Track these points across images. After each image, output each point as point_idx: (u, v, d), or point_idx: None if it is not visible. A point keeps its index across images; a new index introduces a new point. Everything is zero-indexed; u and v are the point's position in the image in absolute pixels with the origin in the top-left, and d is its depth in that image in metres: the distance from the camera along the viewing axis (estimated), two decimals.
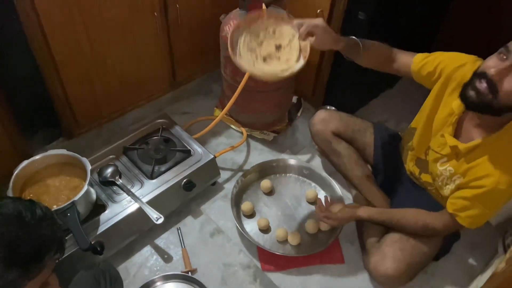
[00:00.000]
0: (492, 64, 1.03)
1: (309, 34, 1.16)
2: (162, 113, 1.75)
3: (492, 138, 1.12)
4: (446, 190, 1.26)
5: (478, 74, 1.07)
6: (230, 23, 1.64)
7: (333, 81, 1.87)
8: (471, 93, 1.07)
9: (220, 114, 1.65)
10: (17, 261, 0.70)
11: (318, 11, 1.62)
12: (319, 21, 1.15)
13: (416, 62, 1.30)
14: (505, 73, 1.01)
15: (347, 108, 1.88)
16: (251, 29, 1.23)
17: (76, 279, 1.14)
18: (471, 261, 1.52)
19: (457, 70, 1.20)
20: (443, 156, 1.24)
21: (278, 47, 1.22)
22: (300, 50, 1.20)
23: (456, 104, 1.17)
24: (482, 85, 1.04)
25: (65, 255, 1.26)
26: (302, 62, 1.18)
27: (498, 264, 1.14)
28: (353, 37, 1.28)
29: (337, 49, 1.24)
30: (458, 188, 1.21)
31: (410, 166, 1.43)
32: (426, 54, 1.29)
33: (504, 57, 1.01)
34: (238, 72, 1.67)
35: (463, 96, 1.11)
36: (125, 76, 1.67)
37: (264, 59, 1.21)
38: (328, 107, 1.93)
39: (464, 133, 1.19)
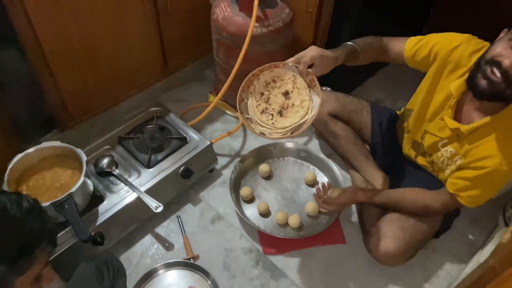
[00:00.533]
0: (505, 52, 1.01)
1: (309, 67, 1.14)
2: (155, 101, 1.73)
3: (494, 119, 1.10)
4: (447, 171, 1.25)
5: (489, 62, 1.04)
6: (221, 5, 1.61)
7: None
8: (483, 82, 1.05)
9: (214, 100, 1.63)
10: (2, 257, 0.69)
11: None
12: (313, 51, 1.13)
13: (408, 48, 1.27)
14: None
15: (343, 88, 1.87)
16: (252, 93, 1.19)
17: (79, 272, 1.14)
18: (471, 235, 1.52)
19: (452, 51, 1.18)
20: (443, 139, 1.23)
21: (286, 94, 1.17)
22: (308, 86, 1.16)
23: (454, 87, 1.16)
24: (496, 75, 1.02)
25: (66, 247, 1.26)
26: (317, 98, 1.14)
27: (502, 235, 1.14)
28: (347, 43, 1.26)
29: (338, 64, 1.20)
30: (459, 168, 1.20)
31: (406, 148, 1.43)
32: (418, 38, 1.26)
33: None
34: (231, 56, 1.64)
35: (472, 84, 1.08)
36: (116, 66, 1.64)
37: (280, 113, 1.16)
38: (323, 88, 1.91)
39: (464, 115, 1.17)
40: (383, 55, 1.33)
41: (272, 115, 1.17)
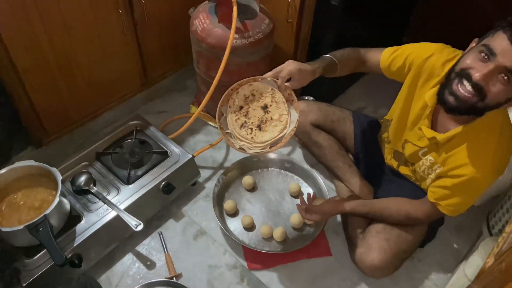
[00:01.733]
0: (474, 64, 0.99)
1: (287, 81, 1.13)
2: (135, 114, 1.69)
3: (468, 127, 1.10)
4: (428, 180, 1.25)
5: (459, 74, 1.03)
6: (200, 17, 1.58)
7: None
8: (450, 98, 1.04)
9: (196, 111, 1.60)
10: None
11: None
12: (292, 65, 1.13)
13: (384, 59, 1.28)
14: (490, 77, 0.97)
15: (325, 97, 1.86)
16: (231, 107, 1.18)
17: None
18: (456, 244, 1.52)
19: (426, 61, 1.18)
20: (422, 148, 1.24)
21: (265, 108, 1.17)
22: (287, 100, 1.16)
23: (428, 97, 1.16)
24: (463, 90, 1.01)
25: (42, 271, 1.22)
26: (295, 113, 1.15)
27: (486, 246, 1.14)
28: (325, 55, 1.27)
29: (316, 77, 1.20)
30: (439, 177, 1.20)
31: (388, 159, 1.42)
32: (393, 48, 1.27)
33: (486, 57, 0.97)
34: (211, 67, 1.62)
35: (441, 100, 1.08)
36: (93, 79, 1.60)
37: (259, 127, 1.16)
38: (306, 97, 1.90)
39: (440, 124, 1.18)
40: (361, 66, 1.33)
41: (251, 129, 1.16)
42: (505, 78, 0.96)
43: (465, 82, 1.01)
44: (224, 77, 1.53)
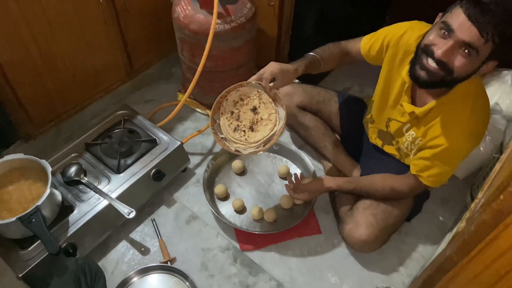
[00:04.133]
0: (436, 41, 1.03)
1: (271, 81, 1.21)
2: (122, 104, 1.70)
3: (443, 99, 1.14)
4: (411, 156, 1.29)
5: (424, 50, 1.06)
6: (181, 3, 1.58)
7: (294, 52, 1.84)
8: (422, 73, 1.07)
9: (182, 99, 1.61)
10: None
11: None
12: (273, 66, 1.20)
13: (363, 46, 1.33)
14: (451, 52, 1.01)
15: (311, 79, 1.87)
16: (223, 114, 1.26)
17: (54, 285, 1.11)
18: (441, 217, 1.56)
19: (400, 39, 1.22)
20: (406, 123, 1.27)
21: (254, 110, 1.24)
22: (273, 100, 1.23)
23: (405, 73, 1.18)
24: (432, 66, 1.04)
25: (37, 261, 1.24)
26: (282, 111, 1.22)
27: (459, 223, 1.18)
28: (308, 53, 1.33)
29: (299, 75, 1.27)
30: (419, 149, 1.23)
31: (372, 138, 1.45)
32: (371, 34, 1.32)
33: (446, 33, 1.01)
34: (195, 54, 1.62)
35: (413, 76, 1.11)
36: (78, 70, 1.60)
37: (251, 128, 1.24)
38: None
39: (419, 99, 1.22)
40: (345, 58, 1.39)
41: (244, 131, 1.24)
42: (466, 51, 0.99)
43: (429, 59, 1.04)
44: (208, 63, 1.54)
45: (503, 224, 0.67)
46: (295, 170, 1.67)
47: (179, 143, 1.56)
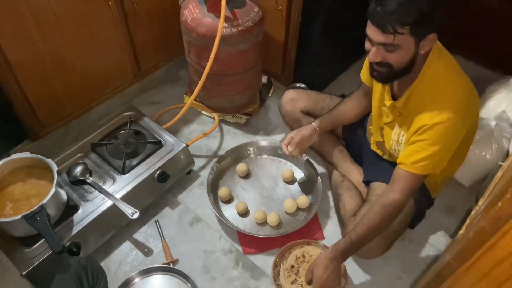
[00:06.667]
0: (367, 47, 1.12)
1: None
2: (128, 105, 1.71)
3: (416, 84, 1.16)
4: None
5: (366, 54, 1.15)
6: (189, 7, 1.60)
7: (301, 58, 1.85)
8: (374, 74, 1.16)
9: (188, 101, 1.62)
10: None
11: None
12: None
13: (364, 79, 1.40)
14: (378, 54, 1.09)
15: (317, 84, 1.88)
16: (284, 264, 1.35)
17: (56, 283, 1.12)
18: (447, 224, 1.55)
19: None
20: (392, 122, 1.29)
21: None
22: None
23: None
24: (374, 67, 1.14)
25: (41, 259, 1.25)
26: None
27: (460, 231, 1.17)
28: (323, 115, 1.47)
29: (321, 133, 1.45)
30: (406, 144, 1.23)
31: (374, 149, 1.46)
32: (364, 65, 1.38)
33: (370, 41, 1.10)
34: (202, 57, 1.63)
35: (373, 78, 1.20)
36: (86, 71, 1.62)
37: (309, 283, 1.27)
38: (298, 85, 1.92)
39: (397, 94, 1.25)
40: (366, 98, 1.44)
41: (301, 285, 1.28)
42: (389, 48, 1.06)
43: (372, 63, 1.14)
44: (215, 66, 1.55)
45: (502, 231, 0.66)
46: (300, 174, 1.67)
47: (184, 145, 1.57)
